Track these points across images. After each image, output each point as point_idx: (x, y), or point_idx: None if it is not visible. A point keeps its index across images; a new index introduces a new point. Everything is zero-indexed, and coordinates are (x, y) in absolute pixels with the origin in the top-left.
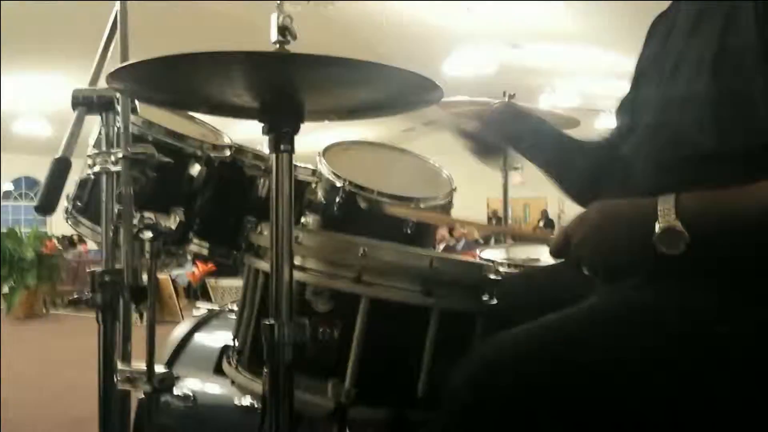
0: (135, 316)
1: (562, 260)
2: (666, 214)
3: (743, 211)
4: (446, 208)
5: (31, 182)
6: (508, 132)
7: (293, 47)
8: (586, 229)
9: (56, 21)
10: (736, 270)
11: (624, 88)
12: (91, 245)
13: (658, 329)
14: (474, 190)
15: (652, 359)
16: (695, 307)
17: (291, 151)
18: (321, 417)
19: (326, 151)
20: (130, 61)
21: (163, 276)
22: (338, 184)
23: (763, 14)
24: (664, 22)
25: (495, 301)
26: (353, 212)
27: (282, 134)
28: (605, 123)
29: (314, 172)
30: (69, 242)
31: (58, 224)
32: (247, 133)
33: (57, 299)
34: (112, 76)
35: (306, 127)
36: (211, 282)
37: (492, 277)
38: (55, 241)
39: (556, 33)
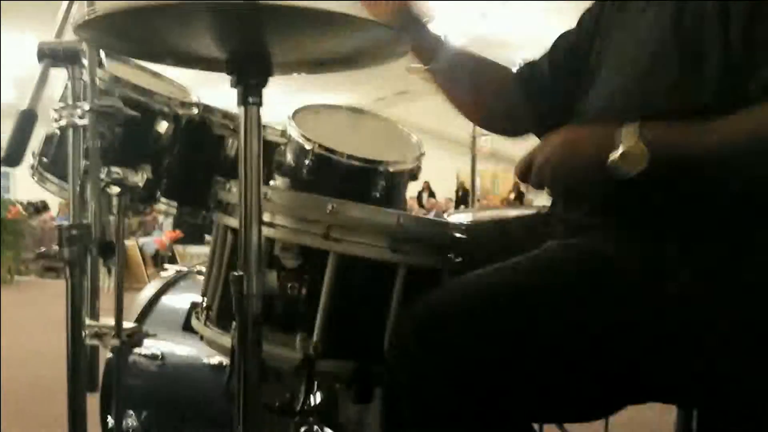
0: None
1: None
2: (628, 137)
3: (701, 142)
4: (414, 172)
5: None
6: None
7: None
8: (548, 150)
9: None
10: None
11: None
12: (57, 211)
13: (607, 273)
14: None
15: (602, 304)
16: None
17: (259, 104)
18: (289, 369)
19: (296, 114)
20: (97, 13)
21: (130, 243)
22: (307, 146)
23: None
24: None
25: (460, 259)
26: (323, 175)
27: (250, 86)
28: None
29: (283, 132)
30: (34, 209)
31: (23, 190)
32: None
33: (22, 266)
34: (79, 28)
35: (278, 96)
36: (178, 249)
37: (457, 235)
38: (19, 207)
39: (526, 3)
